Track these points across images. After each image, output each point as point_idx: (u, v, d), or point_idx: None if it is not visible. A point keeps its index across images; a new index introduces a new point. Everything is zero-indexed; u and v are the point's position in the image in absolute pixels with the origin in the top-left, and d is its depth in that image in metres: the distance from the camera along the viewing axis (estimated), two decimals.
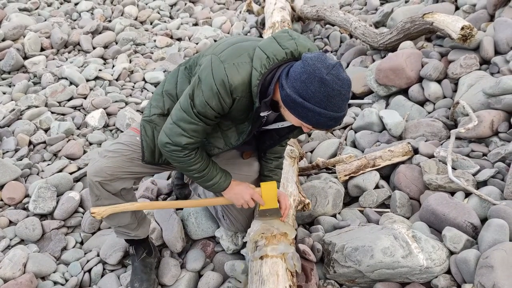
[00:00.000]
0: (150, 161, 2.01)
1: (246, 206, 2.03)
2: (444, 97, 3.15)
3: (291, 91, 1.54)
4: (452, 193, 2.34)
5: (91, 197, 2.04)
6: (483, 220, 2.08)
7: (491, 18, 3.52)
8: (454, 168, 2.42)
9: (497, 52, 3.11)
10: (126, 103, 4.05)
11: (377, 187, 2.65)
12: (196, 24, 5.88)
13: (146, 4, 6.27)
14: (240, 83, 1.61)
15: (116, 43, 5.16)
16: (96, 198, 2.02)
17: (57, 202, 2.76)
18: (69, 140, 3.50)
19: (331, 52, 4.72)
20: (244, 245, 2.34)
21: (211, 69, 1.64)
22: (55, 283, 2.36)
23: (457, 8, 3.98)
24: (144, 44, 5.26)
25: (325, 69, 1.49)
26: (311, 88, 1.50)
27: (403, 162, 2.67)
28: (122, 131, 3.69)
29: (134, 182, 2.11)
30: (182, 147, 1.75)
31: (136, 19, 5.89)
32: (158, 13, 6.12)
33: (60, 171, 3.10)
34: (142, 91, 4.34)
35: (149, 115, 2.00)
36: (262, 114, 1.71)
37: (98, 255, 2.49)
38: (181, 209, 2.65)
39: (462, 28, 3.12)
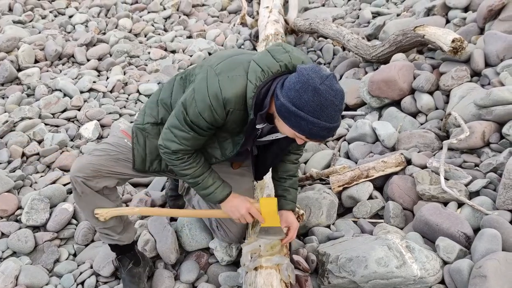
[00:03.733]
0: (140, 169, 2.03)
1: (244, 221, 2.03)
2: (436, 108, 3.18)
3: (285, 100, 1.56)
4: (445, 204, 2.36)
5: (74, 193, 2.05)
6: (476, 230, 2.09)
7: (481, 31, 3.56)
8: (446, 179, 2.44)
9: (487, 64, 3.15)
10: (120, 115, 4.05)
11: (370, 197, 2.65)
12: (190, 37, 5.91)
13: (141, 17, 6.31)
14: (234, 96, 1.64)
15: (110, 55, 5.17)
16: (78, 195, 2.02)
17: (50, 214, 2.74)
18: (62, 151, 3.49)
19: (324, 64, 4.76)
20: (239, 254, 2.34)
21: (206, 82, 1.66)
22: None
23: (447, 21, 4.03)
24: (138, 56, 5.28)
25: (319, 79, 1.52)
26: (305, 97, 1.52)
27: (396, 173, 2.69)
28: None
29: (117, 182, 2.11)
30: (171, 151, 1.80)
31: (130, 31, 5.91)
32: (153, 25, 6.15)
33: (53, 182, 3.08)
34: (136, 103, 4.35)
35: (142, 123, 2.01)
36: (258, 126, 1.74)
37: (91, 267, 2.47)
38: (176, 219, 2.65)
39: (453, 41, 3.16)
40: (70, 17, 6.21)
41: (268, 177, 2.37)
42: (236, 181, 2.15)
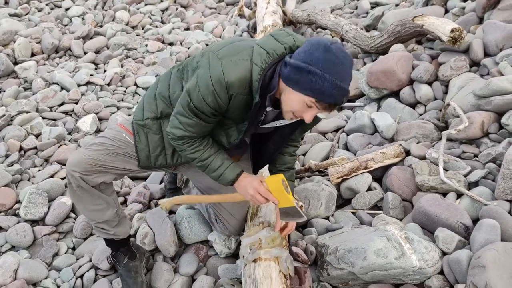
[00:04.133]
0: (146, 166, 2.01)
1: (258, 203, 1.93)
2: (435, 99, 3.16)
3: (295, 61, 1.56)
4: (444, 194, 2.35)
5: (69, 188, 2.03)
6: (475, 221, 2.09)
7: (480, 20, 3.55)
8: (445, 169, 2.43)
9: (486, 54, 3.13)
10: (118, 108, 4.04)
11: (369, 189, 2.65)
12: (187, 29, 5.89)
13: (138, 9, 6.27)
14: (237, 79, 1.62)
15: (108, 48, 5.15)
16: (73, 189, 2.00)
17: (48, 208, 2.74)
18: (60, 145, 3.48)
19: None
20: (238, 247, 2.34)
21: (208, 66, 1.65)
22: None
23: (446, 11, 4.01)
24: (135, 49, 5.26)
25: (328, 41, 1.56)
26: (315, 54, 1.53)
27: (395, 164, 2.68)
28: None
29: (115, 177, 2.09)
30: (177, 137, 1.80)
31: (127, 24, 5.88)
32: (150, 18, 6.12)
33: (52, 176, 3.07)
34: (134, 96, 4.33)
35: (142, 118, 1.99)
36: (268, 109, 1.73)
37: (90, 261, 2.46)
38: (175, 212, 2.64)
39: (452, 31, 3.14)
40: (67, 9, 6.17)
41: (265, 169, 2.36)
42: None
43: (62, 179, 3.03)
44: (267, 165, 2.26)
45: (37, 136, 3.58)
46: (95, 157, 1.95)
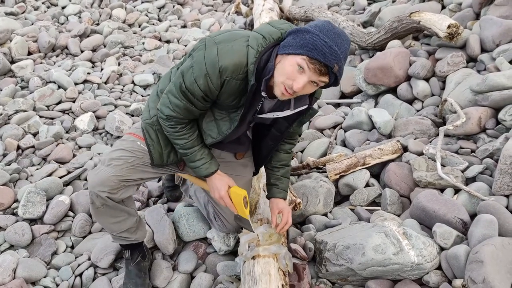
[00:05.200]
0: (159, 164, 2.01)
1: (219, 203, 2.02)
2: (432, 95, 3.17)
3: (292, 30, 1.63)
4: (442, 190, 2.36)
5: (92, 207, 2.02)
6: (473, 216, 2.10)
7: (477, 16, 3.55)
8: (443, 165, 2.44)
9: (483, 50, 3.13)
10: (115, 106, 4.02)
11: (367, 185, 2.66)
12: (184, 26, 5.87)
13: (134, 7, 6.25)
14: (231, 64, 1.62)
15: (105, 46, 5.12)
16: (96, 207, 1.99)
17: (46, 207, 2.73)
18: (58, 144, 3.46)
19: None
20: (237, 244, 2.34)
21: (204, 50, 1.66)
22: None
23: (443, 7, 4.01)
24: (132, 47, 5.24)
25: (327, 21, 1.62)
26: (314, 23, 1.60)
27: (393, 160, 2.69)
28: (111, 134, 3.67)
29: (137, 189, 2.11)
30: (165, 116, 1.80)
31: (124, 22, 5.86)
32: (147, 15, 6.10)
33: (50, 175, 3.06)
34: (131, 94, 4.32)
35: (150, 117, 1.98)
36: (263, 94, 1.71)
37: (89, 259, 2.46)
38: (173, 210, 2.65)
39: (449, 27, 3.15)
40: (63, 8, 6.14)
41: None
42: (239, 172, 2.15)
43: (60, 177, 3.02)
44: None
45: (34, 135, 3.56)
46: (119, 173, 1.93)
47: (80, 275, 2.41)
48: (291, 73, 1.58)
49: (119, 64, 4.79)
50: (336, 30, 1.57)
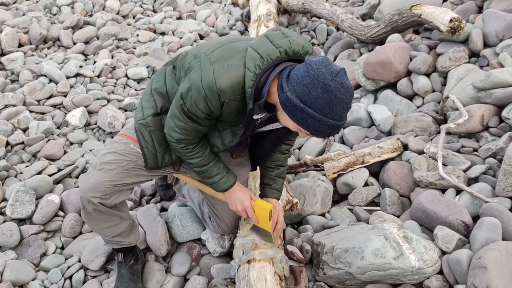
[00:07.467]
0: (154, 166, 1.94)
1: (240, 214, 2.02)
2: (433, 91, 3.10)
3: (292, 95, 1.47)
4: (443, 190, 2.30)
5: (83, 212, 1.96)
6: (475, 218, 2.04)
7: (480, 9, 3.48)
8: (444, 165, 2.37)
9: (486, 45, 3.07)
10: (108, 101, 3.94)
11: (366, 184, 2.60)
12: (180, 18, 5.77)
13: None
14: (229, 86, 1.55)
15: (98, 38, 5.02)
16: (88, 212, 1.94)
17: (36, 206, 2.65)
18: (48, 140, 3.38)
19: (318, 45, 4.65)
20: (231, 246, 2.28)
21: (200, 71, 1.59)
22: None
23: (445, 0, 3.94)
24: (126, 39, 5.14)
25: (329, 75, 1.42)
26: (314, 93, 1.43)
27: (392, 159, 2.63)
28: (104, 130, 3.58)
29: (130, 193, 2.06)
30: (175, 141, 1.77)
31: (118, 13, 5.75)
32: (141, 6, 6.00)
33: (39, 173, 2.98)
34: (124, 88, 4.23)
35: (143, 117, 1.91)
36: (255, 117, 1.66)
37: (79, 261, 2.39)
38: (166, 210, 2.58)
39: (451, 20, 3.07)
40: None
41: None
42: (236, 171, 2.08)
43: (50, 175, 2.94)
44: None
45: (24, 130, 3.48)
46: (111, 178, 1.87)
47: (70, 277, 2.34)
48: (296, 130, 1.62)
49: (112, 57, 4.69)
50: (338, 95, 1.43)
